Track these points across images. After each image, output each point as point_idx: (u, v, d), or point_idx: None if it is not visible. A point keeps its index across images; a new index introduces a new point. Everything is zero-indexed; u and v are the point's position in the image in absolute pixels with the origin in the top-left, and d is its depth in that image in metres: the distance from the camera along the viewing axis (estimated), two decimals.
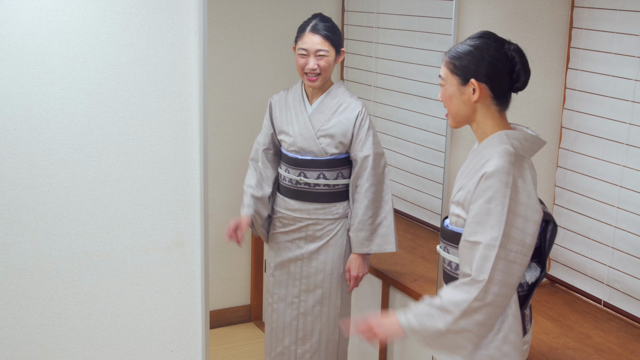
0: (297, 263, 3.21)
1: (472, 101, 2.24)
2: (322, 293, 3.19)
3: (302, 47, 3.05)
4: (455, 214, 2.29)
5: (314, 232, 3.17)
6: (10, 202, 2.53)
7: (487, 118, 2.27)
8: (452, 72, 2.25)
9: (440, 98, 2.31)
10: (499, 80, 2.23)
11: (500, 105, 2.27)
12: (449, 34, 3.28)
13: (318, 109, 3.13)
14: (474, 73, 2.22)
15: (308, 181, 3.12)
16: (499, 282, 2.13)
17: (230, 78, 4.22)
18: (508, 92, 2.27)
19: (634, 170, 3.02)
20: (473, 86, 2.22)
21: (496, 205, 2.14)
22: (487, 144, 2.26)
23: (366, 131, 3.07)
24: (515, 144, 2.23)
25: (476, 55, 2.22)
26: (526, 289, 2.29)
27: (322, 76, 3.06)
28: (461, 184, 2.29)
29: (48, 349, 2.67)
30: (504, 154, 2.18)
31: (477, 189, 2.18)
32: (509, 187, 2.14)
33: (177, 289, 2.82)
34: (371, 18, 3.98)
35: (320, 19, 3.07)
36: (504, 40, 2.25)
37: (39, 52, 2.48)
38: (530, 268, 2.30)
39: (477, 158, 2.26)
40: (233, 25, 4.17)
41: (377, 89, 3.97)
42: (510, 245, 2.15)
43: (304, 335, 3.24)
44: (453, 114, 2.30)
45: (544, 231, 2.31)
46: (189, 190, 2.77)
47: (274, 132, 3.24)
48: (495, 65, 2.22)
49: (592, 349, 2.88)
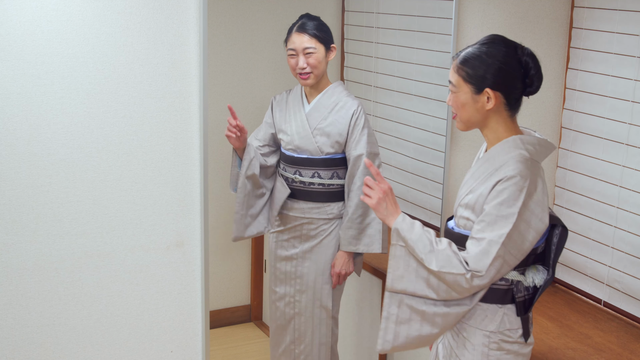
0: (292, 262, 3.23)
1: (486, 109, 2.22)
2: (314, 294, 3.20)
3: (290, 47, 3.08)
4: (464, 217, 2.28)
5: (308, 231, 3.18)
6: (10, 202, 2.53)
7: (500, 124, 2.25)
8: (464, 80, 2.21)
9: (451, 104, 2.27)
10: (512, 86, 2.21)
11: (512, 110, 2.25)
12: (449, 34, 3.29)
13: (315, 108, 3.14)
14: (488, 82, 2.18)
15: (303, 179, 3.14)
16: (489, 277, 2.16)
17: (230, 78, 4.22)
18: (520, 98, 2.25)
19: (633, 170, 3.02)
20: (488, 95, 2.19)
21: (508, 208, 2.14)
22: (500, 149, 2.24)
23: (360, 130, 3.08)
24: (530, 149, 2.21)
25: (489, 63, 2.18)
26: (531, 292, 2.29)
27: (314, 74, 3.07)
28: (471, 187, 2.27)
29: (48, 349, 2.67)
30: (521, 160, 2.18)
31: (493, 191, 2.17)
32: (524, 192, 2.14)
33: (177, 289, 2.82)
34: (371, 18, 3.98)
35: (307, 18, 3.10)
36: (515, 45, 2.21)
37: (39, 52, 2.48)
38: (538, 271, 2.29)
39: (489, 162, 2.25)
40: (233, 25, 4.17)
41: (377, 89, 3.97)
42: (510, 247, 2.15)
43: (299, 335, 3.26)
44: (464, 120, 2.27)
45: (550, 235, 2.30)
46: (189, 190, 2.77)
47: (275, 131, 3.25)
48: (509, 73, 2.19)
49: (592, 349, 2.88)
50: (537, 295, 2.29)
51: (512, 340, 2.26)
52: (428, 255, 2.19)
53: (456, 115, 2.28)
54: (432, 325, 2.24)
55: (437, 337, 2.29)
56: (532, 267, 2.29)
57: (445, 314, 2.23)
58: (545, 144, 2.27)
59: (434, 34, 3.47)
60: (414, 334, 2.27)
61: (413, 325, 2.26)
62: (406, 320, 2.27)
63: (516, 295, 2.25)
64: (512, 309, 2.26)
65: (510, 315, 2.26)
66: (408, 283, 2.24)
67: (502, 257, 2.15)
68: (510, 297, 2.25)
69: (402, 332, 2.28)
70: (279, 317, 3.30)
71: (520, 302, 2.26)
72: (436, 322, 2.24)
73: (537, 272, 2.28)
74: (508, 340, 2.26)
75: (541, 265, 2.31)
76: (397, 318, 2.28)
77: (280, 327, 3.31)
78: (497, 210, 2.15)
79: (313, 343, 3.24)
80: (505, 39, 2.23)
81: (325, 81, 3.16)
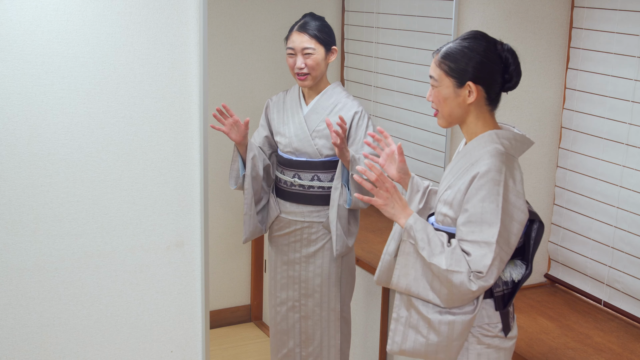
0: (295, 267, 3.20)
1: (468, 103, 2.24)
2: (321, 297, 3.18)
3: (290, 46, 3.05)
4: (442, 212, 2.30)
5: (309, 235, 3.16)
6: (10, 202, 2.53)
7: (479, 119, 2.28)
8: (446, 73, 2.24)
9: (431, 99, 2.30)
10: (493, 81, 2.24)
11: (491, 105, 2.28)
12: (449, 34, 3.29)
13: (313, 109, 3.11)
14: (470, 75, 2.21)
15: (302, 183, 3.11)
16: (492, 278, 2.18)
17: (230, 78, 4.22)
18: (499, 93, 2.28)
19: (633, 170, 3.02)
20: (469, 88, 2.22)
21: (490, 204, 2.16)
22: (476, 144, 2.26)
23: (365, 130, 3.05)
24: (505, 143, 2.24)
25: (471, 57, 2.21)
26: (510, 287, 2.31)
27: (312, 75, 3.04)
28: (449, 183, 2.29)
29: (48, 349, 2.67)
30: (495, 154, 2.20)
31: (471, 188, 2.19)
32: (502, 186, 2.16)
33: (177, 289, 2.82)
34: (371, 18, 3.98)
35: (311, 18, 3.06)
36: (495, 41, 2.25)
37: (39, 52, 2.48)
38: (516, 266, 2.32)
39: (466, 157, 2.27)
40: (233, 25, 4.17)
41: (377, 89, 3.97)
42: (502, 244, 2.17)
43: (306, 338, 3.24)
44: (446, 115, 2.29)
45: (528, 230, 2.32)
46: (189, 190, 2.77)
47: (269, 134, 3.22)
48: (490, 67, 2.22)
49: (592, 349, 2.88)
50: (516, 289, 2.31)
51: (492, 335, 2.28)
52: (439, 256, 2.19)
53: (437, 111, 2.30)
54: (438, 334, 2.25)
55: (446, 352, 2.27)
56: (510, 262, 2.32)
57: (450, 322, 2.23)
58: (522, 139, 2.29)
59: (434, 34, 3.47)
60: (421, 340, 2.27)
61: (421, 330, 2.27)
62: (414, 324, 2.28)
63: (494, 289, 2.27)
64: (490, 304, 2.28)
65: (489, 309, 2.28)
66: (412, 281, 2.25)
67: (499, 256, 2.16)
68: (489, 291, 2.27)
69: (410, 335, 2.29)
70: (280, 321, 3.28)
71: (498, 296, 2.28)
72: (442, 332, 2.24)
73: (514, 266, 2.31)
74: (488, 334, 2.28)
75: (519, 260, 2.33)
76: (406, 321, 2.30)
77: (281, 331, 3.29)
78: (481, 209, 2.17)
79: (322, 345, 3.22)
80: (486, 35, 2.27)
81: (324, 82, 3.13)
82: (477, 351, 2.28)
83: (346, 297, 3.23)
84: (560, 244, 3.41)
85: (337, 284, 3.17)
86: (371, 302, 3.52)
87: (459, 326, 2.23)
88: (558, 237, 3.42)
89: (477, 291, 2.18)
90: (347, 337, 3.27)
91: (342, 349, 3.25)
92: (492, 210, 2.16)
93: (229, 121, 3.05)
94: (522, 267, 2.32)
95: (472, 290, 2.17)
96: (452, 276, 2.17)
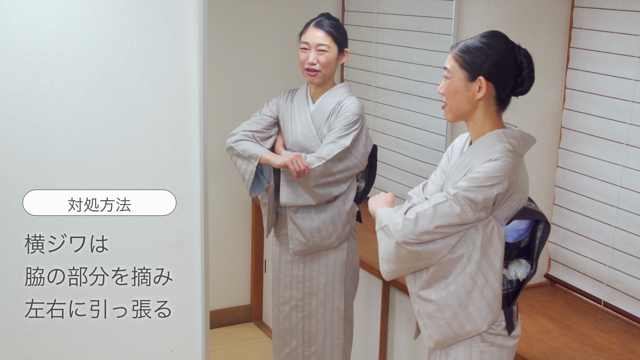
0: (299, 266, 3.20)
1: (477, 98, 2.25)
2: (325, 296, 3.17)
3: (304, 40, 3.04)
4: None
5: None
6: (10, 202, 2.53)
7: (486, 117, 2.28)
8: (460, 66, 2.25)
9: (442, 91, 2.31)
10: (505, 81, 2.25)
11: (500, 106, 2.28)
12: (449, 34, 3.29)
13: (318, 108, 3.11)
14: (483, 71, 2.22)
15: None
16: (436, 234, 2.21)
17: (230, 78, 4.22)
18: (510, 95, 2.28)
19: (633, 170, 3.02)
20: (480, 83, 2.23)
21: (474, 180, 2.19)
22: (484, 142, 2.27)
23: (344, 125, 3.02)
24: (513, 142, 2.25)
25: (488, 54, 2.23)
26: (515, 286, 2.31)
27: (322, 73, 3.04)
28: (455, 180, 2.29)
29: (48, 349, 2.67)
30: (504, 152, 2.20)
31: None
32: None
33: (177, 289, 2.82)
34: (371, 18, 3.98)
35: (327, 17, 3.07)
36: (514, 43, 2.27)
37: (39, 52, 2.48)
38: (521, 265, 2.32)
39: (472, 155, 2.27)
40: (233, 25, 4.17)
41: (377, 89, 3.97)
42: (463, 203, 2.18)
43: (309, 338, 3.23)
44: (454, 109, 2.30)
45: (534, 230, 2.33)
46: (189, 190, 2.77)
47: (275, 119, 3.18)
48: (504, 66, 2.23)
49: (592, 349, 2.88)
50: (521, 288, 2.31)
51: (495, 333, 2.28)
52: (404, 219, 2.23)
53: (445, 104, 2.31)
54: (449, 307, 2.27)
55: (469, 319, 2.27)
56: (515, 261, 2.32)
57: (452, 292, 2.25)
58: (528, 138, 2.31)
59: (434, 34, 3.47)
60: (441, 323, 2.30)
61: (435, 315, 2.30)
62: (430, 313, 2.31)
63: None
64: None
65: None
66: (395, 265, 2.29)
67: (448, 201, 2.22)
68: None
69: (433, 326, 2.32)
70: (283, 320, 3.28)
71: (503, 295, 2.28)
72: (450, 304, 2.27)
73: (520, 266, 2.32)
74: (491, 332, 2.28)
75: (524, 259, 2.34)
76: (419, 313, 2.34)
77: (283, 330, 3.29)
78: (465, 174, 2.23)
79: (325, 344, 3.22)
80: (506, 36, 2.29)
81: (331, 82, 3.13)
82: (480, 349, 2.28)
83: (349, 297, 3.23)
84: (560, 244, 3.41)
85: (341, 283, 3.17)
86: (371, 302, 3.52)
87: (460, 290, 2.25)
88: (558, 237, 3.42)
89: (409, 216, 2.21)
90: (349, 337, 3.27)
91: (344, 348, 3.25)
92: (470, 180, 2.20)
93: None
94: (527, 267, 2.32)
95: (410, 218, 2.20)
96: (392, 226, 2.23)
